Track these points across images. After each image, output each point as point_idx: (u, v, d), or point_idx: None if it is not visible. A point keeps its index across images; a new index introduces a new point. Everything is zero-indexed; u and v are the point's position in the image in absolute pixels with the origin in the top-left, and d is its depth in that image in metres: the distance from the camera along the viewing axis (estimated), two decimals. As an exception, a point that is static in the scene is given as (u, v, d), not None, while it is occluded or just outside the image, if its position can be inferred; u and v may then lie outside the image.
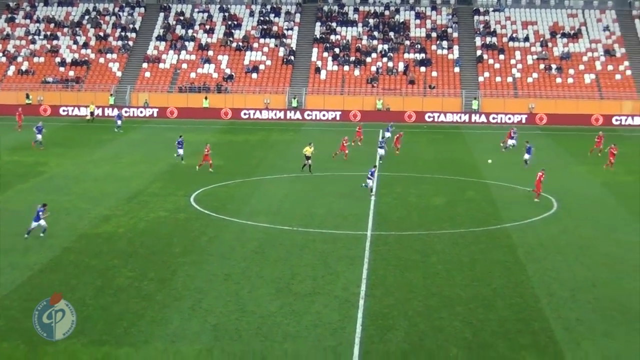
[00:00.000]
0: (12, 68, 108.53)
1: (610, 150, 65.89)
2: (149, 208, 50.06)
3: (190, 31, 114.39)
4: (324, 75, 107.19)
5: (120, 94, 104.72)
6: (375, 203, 52.34)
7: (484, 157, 70.77)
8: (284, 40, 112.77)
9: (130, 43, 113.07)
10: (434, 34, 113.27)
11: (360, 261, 39.02)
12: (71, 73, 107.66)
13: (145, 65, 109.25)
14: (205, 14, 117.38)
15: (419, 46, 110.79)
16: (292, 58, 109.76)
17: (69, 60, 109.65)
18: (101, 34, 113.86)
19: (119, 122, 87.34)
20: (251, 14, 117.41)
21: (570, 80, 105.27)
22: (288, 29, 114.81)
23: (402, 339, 29.55)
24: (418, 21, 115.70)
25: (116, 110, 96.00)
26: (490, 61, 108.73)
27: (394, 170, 63.86)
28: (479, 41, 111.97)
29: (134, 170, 63.65)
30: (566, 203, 52.46)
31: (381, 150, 68.81)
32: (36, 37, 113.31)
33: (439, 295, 34.36)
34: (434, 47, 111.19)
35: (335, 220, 47.55)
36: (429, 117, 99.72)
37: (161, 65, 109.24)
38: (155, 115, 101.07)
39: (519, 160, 67.21)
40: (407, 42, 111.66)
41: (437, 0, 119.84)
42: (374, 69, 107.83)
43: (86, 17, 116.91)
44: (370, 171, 54.35)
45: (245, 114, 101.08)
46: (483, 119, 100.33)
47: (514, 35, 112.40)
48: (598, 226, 47.19)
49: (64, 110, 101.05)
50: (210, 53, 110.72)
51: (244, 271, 37.29)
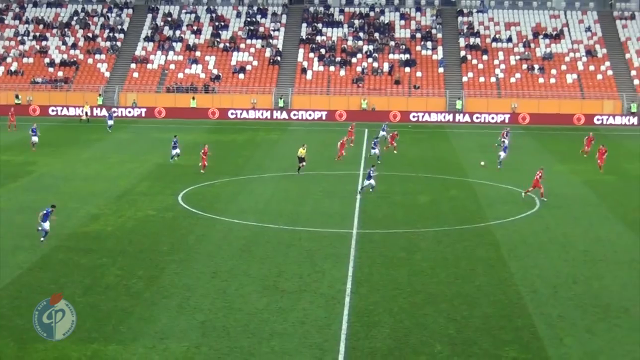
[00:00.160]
0: (2, 69, 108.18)
1: (599, 151, 65.44)
2: (137, 207, 49.96)
3: (177, 32, 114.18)
4: (310, 76, 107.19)
5: (109, 94, 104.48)
6: (360, 201, 52.39)
7: (468, 156, 70.89)
8: (271, 41, 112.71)
9: (119, 44, 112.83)
10: (418, 35, 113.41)
11: (346, 259, 39.02)
12: (60, 73, 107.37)
13: (133, 65, 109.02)
14: (193, 15, 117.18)
15: (404, 47, 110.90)
16: (279, 58, 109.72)
17: (57, 60, 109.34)
18: (90, 35, 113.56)
19: (110, 122, 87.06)
20: (238, 15, 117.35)
21: (552, 80, 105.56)
22: (274, 30, 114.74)
23: (388, 335, 29.57)
24: (403, 22, 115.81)
25: (112, 109, 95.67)
26: (474, 61, 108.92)
27: (379, 169, 63.81)
28: (462, 42, 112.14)
29: (123, 169, 63.50)
30: (548, 201, 52.51)
31: (375, 150, 67.58)
32: (25, 38, 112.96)
33: (424, 292, 34.40)
34: (418, 48, 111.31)
35: (321, 219, 47.55)
36: (414, 117, 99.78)
37: (149, 66, 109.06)
38: (143, 115, 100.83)
39: (508, 161, 66.94)
40: (392, 43, 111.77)
41: (422, 2, 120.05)
42: (359, 69, 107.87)
43: (75, 18, 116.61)
44: (370, 172, 53.93)
45: (232, 114, 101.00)
46: (467, 118, 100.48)
47: (497, 36, 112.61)
48: (579, 224, 47.33)
49: (52, 110, 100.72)
50: (198, 54, 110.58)
51: (231, 269, 37.26)
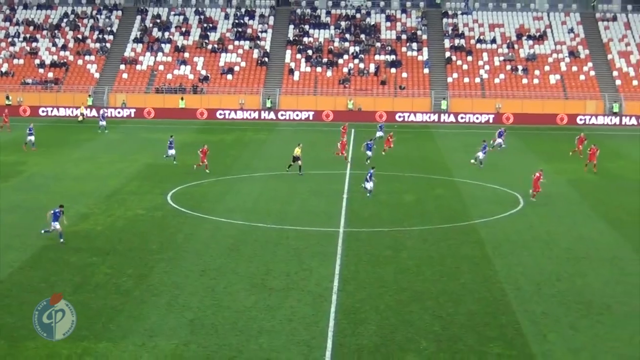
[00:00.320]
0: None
1: (590, 150, 65.17)
2: (127, 206, 49.86)
3: (166, 33, 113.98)
4: (297, 77, 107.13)
5: (99, 94, 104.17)
6: (347, 201, 52.40)
7: (453, 156, 71.02)
8: (258, 42, 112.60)
9: (108, 45, 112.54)
10: (404, 36, 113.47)
11: (333, 257, 39.02)
12: (50, 74, 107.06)
13: (122, 66, 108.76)
14: (181, 17, 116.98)
15: (390, 48, 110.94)
16: (266, 60, 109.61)
17: (48, 62, 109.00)
18: (79, 37, 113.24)
19: (103, 123, 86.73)
20: (226, 17, 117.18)
21: (535, 80, 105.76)
22: (262, 32, 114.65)
23: (374, 332, 29.59)
24: (388, 24, 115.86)
25: (101, 110, 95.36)
26: (459, 62, 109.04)
27: (365, 168, 63.83)
28: (447, 43, 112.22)
29: (112, 169, 63.34)
30: (532, 200, 52.62)
31: (368, 152, 66.34)
32: (16, 40, 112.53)
33: (410, 289, 34.43)
34: (404, 49, 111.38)
35: (308, 218, 47.55)
36: (399, 117, 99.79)
37: (138, 67, 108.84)
38: (132, 115, 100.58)
39: (492, 160, 67.07)
40: (378, 44, 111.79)
41: (407, 4, 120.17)
42: (345, 70, 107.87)
43: (65, 20, 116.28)
44: (369, 173, 53.55)
45: (220, 114, 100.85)
46: (452, 118, 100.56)
47: (482, 37, 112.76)
48: (563, 222, 47.44)
49: (43, 111, 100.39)
50: (186, 55, 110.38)
51: (220, 267, 37.24)
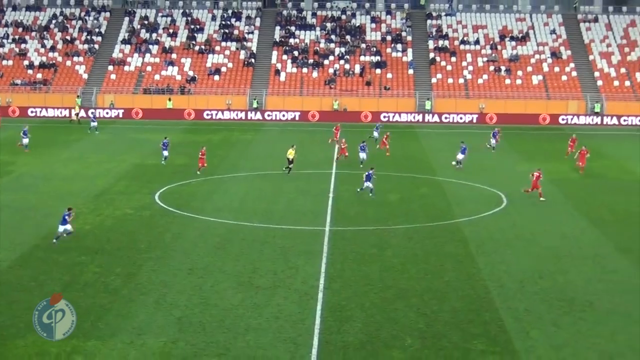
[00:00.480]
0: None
1: (580, 152, 65.18)
2: (115, 206, 49.76)
3: (154, 35, 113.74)
4: (283, 77, 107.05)
5: (87, 95, 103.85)
6: (333, 200, 52.41)
7: (437, 156, 71.11)
8: (245, 43, 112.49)
9: (96, 46, 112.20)
10: (388, 38, 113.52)
11: (319, 255, 39.05)
12: (39, 75, 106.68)
13: (110, 67, 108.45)
14: (169, 19, 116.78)
15: (375, 49, 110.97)
16: (253, 61, 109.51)
17: (37, 63, 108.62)
18: (68, 38, 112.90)
19: (94, 124, 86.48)
20: (213, 19, 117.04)
21: (518, 81, 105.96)
22: (249, 33, 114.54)
23: (360, 329, 29.62)
24: (373, 25, 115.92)
25: (90, 111, 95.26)
26: (443, 63, 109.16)
27: (351, 168, 63.86)
28: (431, 44, 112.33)
29: (100, 169, 63.17)
30: (515, 199, 52.77)
31: (362, 154, 64.73)
32: (5, 41, 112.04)
33: (395, 287, 34.47)
34: (388, 50, 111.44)
35: (294, 217, 47.55)
36: (384, 117, 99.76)
37: (126, 68, 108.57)
38: (120, 116, 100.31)
39: (476, 160, 67.12)
40: (363, 45, 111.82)
41: (392, 5, 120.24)
42: (331, 71, 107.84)
43: (53, 22, 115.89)
44: (368, 174, 53.19)
45: (207, 115, 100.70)
46: (436, 118, 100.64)
47: (465, 38, 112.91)
48: (545, 221, 47.54)
49: (32, 112, 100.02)
50: (174, 56, 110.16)
51: (207, 266, 37.21)
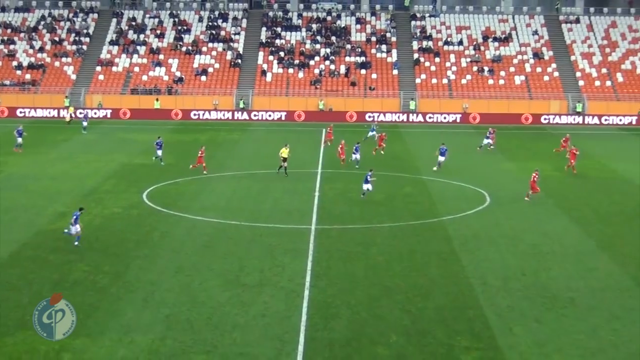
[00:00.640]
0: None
1: (571, 151, 65.18)
2: (104, 205, 49.66)
3: (141, 36, 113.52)
4: (269, 78, 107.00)
5: (75, 96, 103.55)
6: (318, 198, 52.44)
7: (421, 155, 71.27)
8: (232, 44, 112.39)
9: (85, 47, 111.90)
10: (373, 38, 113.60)
11: (305, 254, 39.09)
12: (28, 76, 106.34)
13: (98, 68, 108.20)
14: (156, 20, 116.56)
15: (360, 50, 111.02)
16: (239, 61, 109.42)
17: (25, 64, 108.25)
18: (56, 39, 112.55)
19: (85, 124, 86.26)
20: (200, 20, 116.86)
21: (501, 81, 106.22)
22: (235, 34, 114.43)
23: (345, 327, 29.66)
24: (358, 26, 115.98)
25: (79, 111, 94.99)
26: (427, 64, 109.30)
27: (336, 167, 63.94)
28: (416, 45, 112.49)
29: (89, 168, 63.02)
30: (498, 197, 52.93)
31: (356, 155, 64.20)
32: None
33: (380, 285, 34.52)
34: (373, 51, 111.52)
35: (281, 215, 47.56)
36: (369, 117, 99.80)
37: (114, 69, 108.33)
38: (108, 116, 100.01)
39: (459, 159, 67.23)
40: (348, 46, 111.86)
41: (377, 7, 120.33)
42: (317, 71, 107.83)
43: (42, 23, 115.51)
44: (367, 175, 52.81)
45: (194, 115, 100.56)
46: (420, 118, 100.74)
47: (449, 39, 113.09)
48: (527, 219, 47.69)
49: (20, 112, 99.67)
50: (161, 57, 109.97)
51: (195, 264, 37.18)
